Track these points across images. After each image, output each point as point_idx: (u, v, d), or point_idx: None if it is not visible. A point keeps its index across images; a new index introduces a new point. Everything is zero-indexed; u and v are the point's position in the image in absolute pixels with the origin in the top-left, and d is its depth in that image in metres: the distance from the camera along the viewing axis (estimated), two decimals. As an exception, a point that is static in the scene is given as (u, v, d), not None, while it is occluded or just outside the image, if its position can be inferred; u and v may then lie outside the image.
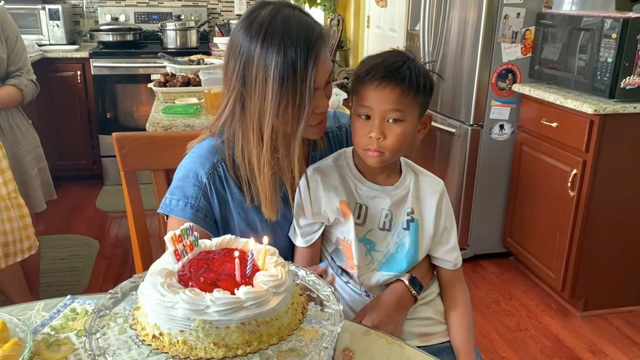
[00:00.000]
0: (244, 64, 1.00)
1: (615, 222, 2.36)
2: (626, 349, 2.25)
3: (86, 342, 0.73)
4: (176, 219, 1.08)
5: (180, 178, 1.10)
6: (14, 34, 2.07)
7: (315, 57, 0.98)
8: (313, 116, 1.03)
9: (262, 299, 0.71)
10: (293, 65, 0.97)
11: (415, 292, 1.10)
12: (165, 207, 1.10)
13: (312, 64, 0.98)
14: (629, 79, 2.16)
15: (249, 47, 1.00)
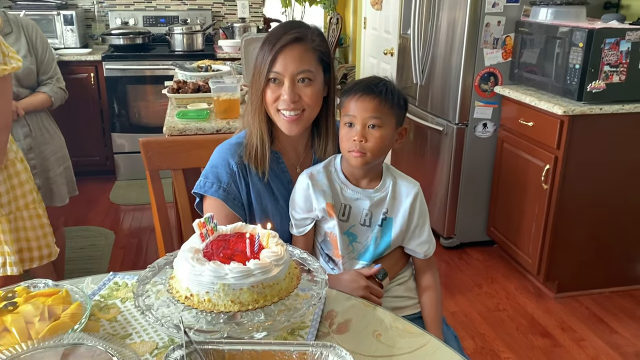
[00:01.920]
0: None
1: (585, 212, 2.60)
2: (593, 327, 2.50)
3: (135, 301, 0.98)
4: (211, 198, 1.33)
5: (215, 164, 1.36)
6: (44, 47, 2.29)
7: (276, 51, 1.27)
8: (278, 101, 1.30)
9: (266, 269, 0.96)
10: (262, 53, 1.30)
11: (378, 279, 1.33)
12: (200, 188, 1.36)
13: (270, 54, 1.28)
14: (595, 83, 2.40)
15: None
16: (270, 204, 1.37)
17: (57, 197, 2.41)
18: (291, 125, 1.32)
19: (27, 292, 1.10)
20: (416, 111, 3.42)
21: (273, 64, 1.28)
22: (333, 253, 1.36)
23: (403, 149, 3.68)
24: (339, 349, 0.85)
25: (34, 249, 1.84)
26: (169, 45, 4.17)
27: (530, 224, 2.73)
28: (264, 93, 1.31)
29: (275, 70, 1.28)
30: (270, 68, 1.28)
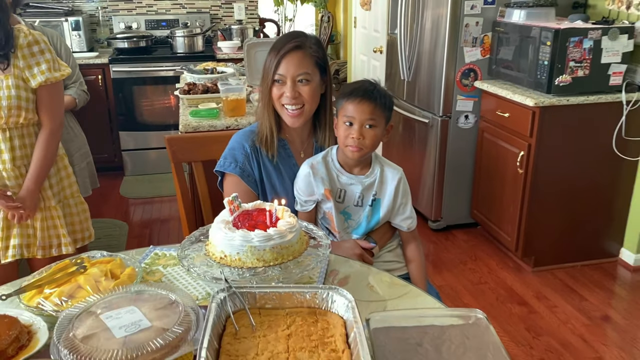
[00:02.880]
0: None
1: (557, 193, 2.89)
2: (565, 295, 2.80)
3: (181, 262, 1.25)
4: (230, 175, 1.62)
5: (232, 147, 1.65)
6: (67, 54, 2.53)
7: (281, 56, 1.56)
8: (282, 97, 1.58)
9: (283, 234, 1.23)
10: (269, 59, 1.59)
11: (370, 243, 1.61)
12: (220, 167, 1.65)
13: (275, 59, 1.57)
14: (562, 77, 2.68)
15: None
16: (278, 182, 1.65)
17: (82, 189, 2.63)
18: (294, 119, 1.60)
19: (89, 260, 1.37)
20: (404, 105, 3.70)
21: (277, 68, 1.57)
22: (331, 227, 1.64)
23: (394, 141, 3.96)
24: (341, 290, 1.12)
25: (78, 232, 2.13)
26: (171, 48, 4.42)
27: (508, 205, 3.02)
28: (270, 91, 1.60)
29: (279, 73, 1.57)
30: (275, 71, 1.57)
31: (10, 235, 1.97)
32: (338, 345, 1.02)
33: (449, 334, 1.10)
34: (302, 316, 1.10)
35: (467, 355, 1.04)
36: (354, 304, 1.08)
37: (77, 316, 1.06)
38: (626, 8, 2.86)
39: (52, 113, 1.94)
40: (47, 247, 2.04)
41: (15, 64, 1.83)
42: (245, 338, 1.04)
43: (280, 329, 1.06)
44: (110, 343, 0.98)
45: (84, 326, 1.03)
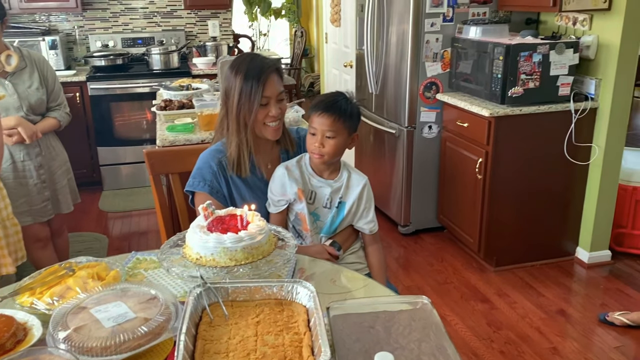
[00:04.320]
0: (226, 87, 1.76)
1: (514, 196, 3.09)
2: (524, 292, 2.99)
3: (161, 263, 1.39)
4: (200, 193, 1.75)
5: (200, 167, 1.78)
6: (52, 78, 2.60)
7: (264, 80, 1.68)
8: (267, 117, 1.71)
9: (252, 236, 1.38)
10: (250, 84, 1.69)
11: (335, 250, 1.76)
12: (190, 187, 1.77)
13: (259, 85, 1.68)
14: (514, 89, 2.89)
15: (229, 76, 1.75)
16: (247, 194, 1.79)
17: (64, 205, 2.76)
18: (276, 132, 1.77)
19: (77, 265, 1.50)
20: (373, 117, 3.89)
21: (264, 92, 1.69)
22: (302, 228, 1.79)
23: (366, 150, 4.15)
24: (304, 283, 1.27)
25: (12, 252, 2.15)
26: (147, 65, 4.55)
27: (470, 209, 3.21)
28: (256, 115, 1.70)
29: (265, 96, 1.70)
30: (261, 95, 1.69)
31: None
32: (300, 329, 1.17)
33: (398, 317, 1.26)
34: (270, 306, 1.25)
35: (412, 335, 1.20)
36: (315, 294, 1.23)
37: (69, 311, 1.19)
38: (572, 24, 3.10)
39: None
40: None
41: None
42: (219, 326, 1.18)
43: (250, 318, 1.21)
44: (100, 332, 1.11)
45: (76, 319, 1.16)
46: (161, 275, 1.54)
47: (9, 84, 2.40)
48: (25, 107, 2.46)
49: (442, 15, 3.26)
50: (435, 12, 3.24)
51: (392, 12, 3.48)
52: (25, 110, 2.46)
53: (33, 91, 2.49)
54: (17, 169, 2.52)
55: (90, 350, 1.08)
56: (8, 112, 2.40)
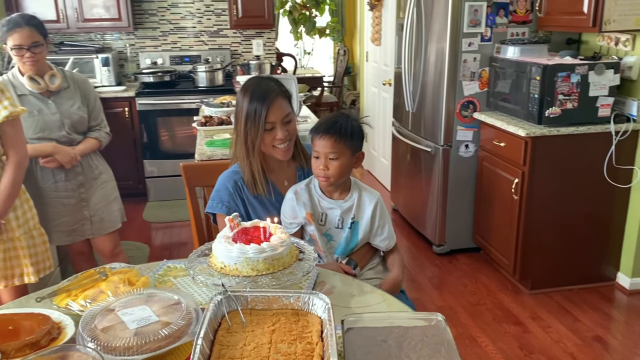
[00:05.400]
0: (236, 111, 1.82)
1: (551, 218, 3.04)
2: (559, 316, 2.92)
3: (188, 271, 1.46)
4: (220, 214, 1.82)
5: (218, 189, 1.84)
6: (94, 98, 2.64)
7: (267, 105, 1.72)
8: (275, 140, 1.75)
9: (274, 248, 1.43)
10: (254, 109, 1.73)
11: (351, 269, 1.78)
12: (210, 208, 1.84)
13: (263, 109, 1.72)
14: (551, 109, 2.86)
15: (238, 99, 1.81)
16: (263, 213, 1.82)
17: (109, 223, 2.70)
18: (286, 153, 1.81)
19: (111, 270, 1.59)
20: (410, 135, 3.91)
21: (267, 117, 1.72)
22: (317, 249, 1.83)
23: (402, 169, 4.16)
24: (321, 295, 1.32)
25: (40, 262, 2.21)
26: (193, 82, 4.72)
27: (506, 230, 3.17)
28: (262, 139, 1.75)
29: (269, 121, 1.73)
30: (266, 120, 1.72)
31: None
32: (313, 339, 1.21)
33: (412, 332, 1.28)
34: (287, 316, 1.30)
35: (423, 350, 1.22)
36: (330, 306, 1.27)
37: (98, 312, 1.27)
38: (615, 44, 3.04)
39: (16, 146, 2.06)
40: (9, 277, 2.12)
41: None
42: (236, 332, 1.23)
43: (267, 326, 1.26)
44: (125, 333, 1.19)
45: (104, 320, 1.24)
46: (189, 283, 1.61)
47: (52, 103, 2.46)
48: (67, 125, 2.50)
49: (480, 35, 3.26)
50: (473, 32, 3.25)
51: (429, 32, 3.50)
52: (67, 128, 2.50)
53: (75, 110, 2.52)
54: (59, 189, 2.54)
55: (115, 350, 1.15)
56: (51, 131, 2.45)
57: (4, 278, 2.10)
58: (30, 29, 2.29)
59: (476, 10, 3.21)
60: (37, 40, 2.31)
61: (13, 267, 2.12)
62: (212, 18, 5.05)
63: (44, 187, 2.50)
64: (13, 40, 2.27)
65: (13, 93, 2.31)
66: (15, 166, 2.05)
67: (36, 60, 2.33)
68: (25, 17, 2.32)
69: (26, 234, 2.15)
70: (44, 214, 2.43)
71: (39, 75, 2.39)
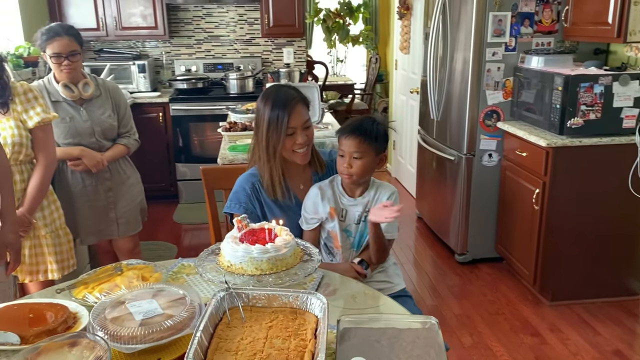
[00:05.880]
0: (256, 118, 1.91)
1: (573, 230, 3.00)
2: (580, 329, 2.88)
3: (197, 269, 1.54)
4: (236, 214, 1.89)
5: (236, 191, 1.93)
6: (124, 105, 2.71)
7: (288, 111, 1.80)
8: (295, 145, 1.83)
9: (278, 249, 1.50)
10: (276, 115, 1.81)
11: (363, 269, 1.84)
12: (228, 209, 1.93)
13: (285, 116, 1.80)
14: (573, 120, 2.84)
15: (259, 106, 1.90)
16: (279, 214, 1.89)
17: (133, 225, 2.80)
18: (304, 157, 1.89)
19: (127, 266, 1.69)
20: (434, 143, 3.93)
21: (289, 123, 1.81)
22: (334, 245, 1.89)
23: (427, 177, 4.17)
24: (318, 295, 1.37)
25: (65, 260, 2.32)
26: (224, 89, 4.86)
27: (526, 240, 3.15)
28: (284, 144, 1.83)
29: (291, 126, 1.82)
30: (287, 126, 1.81)
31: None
32: (307, 336, 1.26)
33: (405, 334, 1.32)
34: (285, 314, 1.36)
35: (413, 351, 1.26)
36: (326, 306, 1.32)
37: (109, 304, 1.36)
38: (642, 55, 3.00)
39: (46, 150, 2.18)
40: (33, 273, 2.23)
41: (14, 109, 2.10)
42: (235, 327, 1.30)
43: (265, 322, 1.32)
44: (131, 323, 1.27)
45: (114, 311, 1.33)
46: (200, 281, 1.69)
47: (83, 110, 2.55)
48: (97, 132, 2.58)
49: (504, 45, 3.27)
50: (497, 41, 3.26)
51: (455, 41, 3.52)
52: (97, 135, 2.58)
53: (105, 118, 2.60)
54: (88, 193, 2.63)
55: (121, 338, 1.23)
56: (82, 138, 2.54)
57: (29, 273, 2.23)
58: (69, 38, 2.40)
59: (500, 20, 3.21)
60: (74, 49, 2.42)
61: (38, 264, 2.24)
62: (244, 27, 5.19)
63: (74, 191, 2.59)
64: (52, 49, 2.38)
65: (47, 99, 2.44)
66: (44, 169, 2.17)
67: (73, 68, 2.44)
68: (64, 27, 2.44)
69: (52, 232, 2.27)
70: (72, 215, 2.54)
71: (74, 83, 2.50)
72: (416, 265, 3.72)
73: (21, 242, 2.08)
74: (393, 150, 5.59)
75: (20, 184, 2.16)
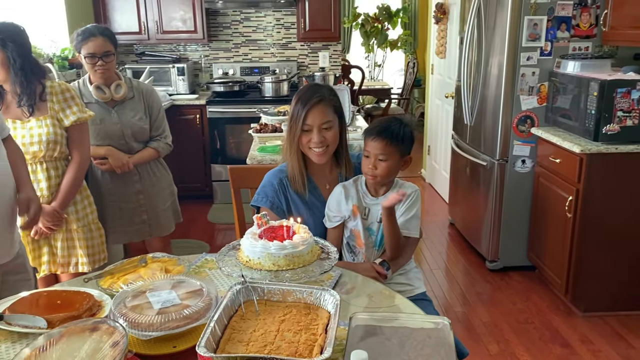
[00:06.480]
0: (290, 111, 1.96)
1: (608, 239, 2.92)
2: (612, 341, 2.80)
3: (217, 263, 1.59)
4: (263, 207, 1.95)
5: (264, 185, 1.98)
6: (157, 108, 2.70)
7: (308, 108, 1.84)
8: (310, 142, 1.86)
9: (295, 246, 1.53)
10: (297, 110, 1.87)
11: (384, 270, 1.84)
12: (255, 201, 1.98)
13: (303, 112, 1.85)
14: (609, 126, 2.77)
15: (292, 102, 1.94)
16: (305, 211, 1.94)
17: (165, 227, 2.82)
18: (320, 157, 1.91)
19: (152, 259, 1.75)
20: (467, 148, 3.89)
21: (305, 119, 1.85)
22: (356, 243, 1.91)
23: (460, 182, 4.13)
24: (332, 291, 1.39)
25: (96, 254, 2.41)
26: (260, 92, 4.94)
27: (558, 249, 3.08)
28: (300, 138, 1.88)
29: (307, 123, 1.86)
30: (303, 122, 1.85)
31: (41, 254, 2.31)
32: (318, 331, 1.28)
33: (416, 333, 1.32)
34: (298, 309, 1.38)
35: (423, 350, 1.26)
36: (339, 302, 1.34)
37: (131, 293, 1.42)
38: (685, 60, 2.90)
39: (80, 148, 2.26)
40: (65, 265, 2.32)
41: (51, 107, 2.18)
42: (249, 319, 1.34)
43: (278, 316, 1.35)
44: (150, 312, 1.32)
45: (134, 300, 1.38)
46: (221, 275, 1.74)
47: (115, 112, 2.57)
48: (126, 135, 2.59)
49: (539, 49, 3.21)
50: (532, 46, 3.20)
51: (490, 45, 3.49)
52: (126, 138, 2.60)
53: (136, 121, 2.61)
54: (116, 194, 2.66)
55: (139, 326, 1.28)
56: (112, 139, 2.57)
57: (61, 265, 2.33)
58: (104, 38, 2.46)
59: (536, 24, 3.16)
60: (108, 50, 2.48)
61: (70, 256, 2.34)
62: (281, 31, 5.26)
63: (103, 191, 2.64)
64: (87, 49, 2.44)
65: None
66: (78, 166, 2.27)
67: (107, 68, 2.49)
68: (99, 28, 2.50)
69: (84, 227, 2.36)
70: (101, 214, 2.60)
71: (107, 84, 2.54)
72: (446, 272, 3.69)
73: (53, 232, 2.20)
74: (427, 155, 5.55)
75: (55, 179, 2.25)
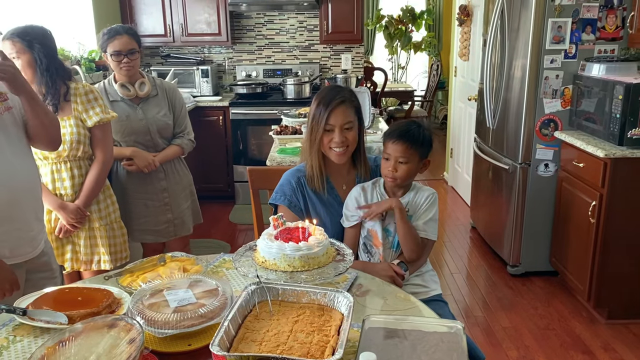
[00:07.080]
0: (310, 111, 1.98)
1: (632, 245, 2.86)
2: (636, 350, 2.74)
3: (234, 264, 1.61)
4: (280, 206, 1.97)
5: (282, 184, 2.00)
6: (180, 105, 2.76)
7: (330, 109, 1.87)
8: (331, 142, 1.89)
9: (310, 247, 1.54)
10: (319, 111, 1.89)
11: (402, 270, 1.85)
12: (273, 200, 2.00)
13: (325, 112, 1.87)
14: (635, 130, 2.72)
15: (312, 102, 1.97)
16: (322, 211, 1.96)
17: (186, 227, 2.87)
18: (340, 157, 1.92)
19: (170, 258, 1.78)
20: (489, 151, 3.85)
21: (328, 119, 1.88)
22: (373, 243, 1.92)
23: (483, 186, 4.09)
24: (345, 293, 1.40)
25: (118, 252, 2.46)
26: (282, 94, 4.97)
27: (581, 254, 3.03)
28: (321, 138, 1.91)
29: (329, 124, 1.88)
30: (326, 122, 1.88)
31: (64, 251, 2.38)
32: (331, 332, 1.29)
33: (429, 337, 1.33)
34: (312, 310, 1.40)
35: (436, 354, 1.26)
36: (352, 304, 1.35)
37: (149, 292, 1.45)
38: None
39: (104, 148, 2.32)
40: (88, 262, 2.38)
41: (75, 108, 2.23)
42: (263, 319, 1.35)
43: (292, 317, 1.36)
44: (166, 310, 1.35)
45: (152, 298, 1.41)
46: (238, 275, 1.76)
47: (140, 109, 2.63)
48: (152, 131, 2.66)
49: (563, 52, 3.17)
50: (556, 48, 3.16)
51: (513, 48, 3.45)
52: (152, 134, 2.66)
53: (160, 117, 2.67)
54: (142, 191, 2.70)
55: (155, 323, 1.31)
56: (137, 136, 2.63)
57: (84, 262, 2.39)
58: (129, 37, 2.54)
59: (560, 26, 3.12)
60: (133, 48, 2.55)
61: (92, 254, 2.39)
62: (304, 34, 5.29)
63: (128, 188, 2.69)
64: (113, 47, 2.52)
65: (106, 99, 2.57)
66: (101, 165, 2.33)
67: (132, 66, 2.56)
68: (124, 27, 2.59)
69: (107, 225, 2.41)
70: (127, 212, 2.67)
71: (132, 82, 2.62)
72: (467, 276, 3.66)
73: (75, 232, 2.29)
74: (450, 158, 5.51)
75: (78, 178, 2.31)
